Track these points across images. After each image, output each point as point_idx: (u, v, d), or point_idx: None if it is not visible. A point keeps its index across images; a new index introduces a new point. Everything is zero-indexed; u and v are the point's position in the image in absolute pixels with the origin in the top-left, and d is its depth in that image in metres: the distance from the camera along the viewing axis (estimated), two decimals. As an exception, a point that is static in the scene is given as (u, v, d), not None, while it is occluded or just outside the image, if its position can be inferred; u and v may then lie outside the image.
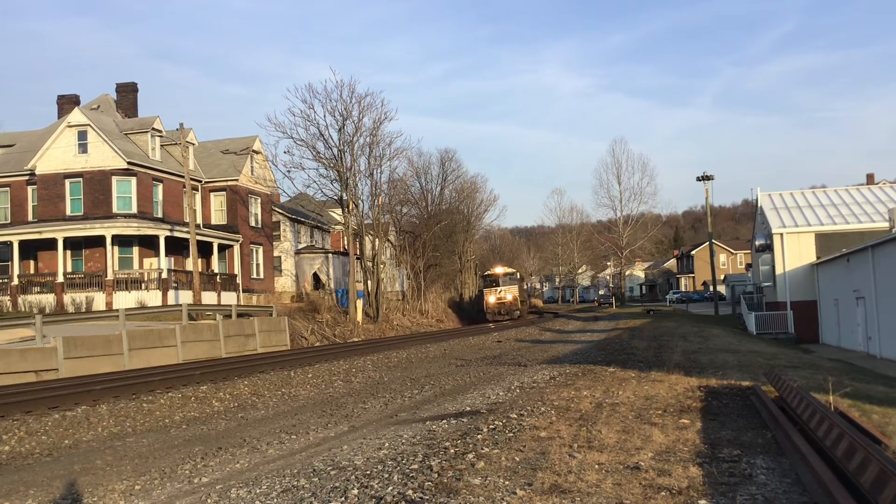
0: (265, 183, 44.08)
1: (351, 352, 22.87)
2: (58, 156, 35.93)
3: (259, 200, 43.87)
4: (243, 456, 8.90)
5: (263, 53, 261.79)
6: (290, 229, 48.75)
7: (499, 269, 55.15)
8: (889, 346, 22.61)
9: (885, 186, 39.46)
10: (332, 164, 41.23)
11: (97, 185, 35.64)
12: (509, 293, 52.10)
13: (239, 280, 39.89)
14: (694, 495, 5.42)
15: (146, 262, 35.58)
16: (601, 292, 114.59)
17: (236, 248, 40.67)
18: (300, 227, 50.16)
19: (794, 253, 32.87)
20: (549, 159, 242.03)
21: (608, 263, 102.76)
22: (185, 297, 32.48)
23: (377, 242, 44.85)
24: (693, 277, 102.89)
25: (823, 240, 32.42)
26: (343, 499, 5.93)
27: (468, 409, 10.72)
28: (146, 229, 34.57)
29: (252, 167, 42.95)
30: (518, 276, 55.65)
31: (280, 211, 47.92)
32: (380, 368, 19.32)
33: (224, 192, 41.67)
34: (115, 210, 35.53)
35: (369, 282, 44.07)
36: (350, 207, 41.82)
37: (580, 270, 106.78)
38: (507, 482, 5.97)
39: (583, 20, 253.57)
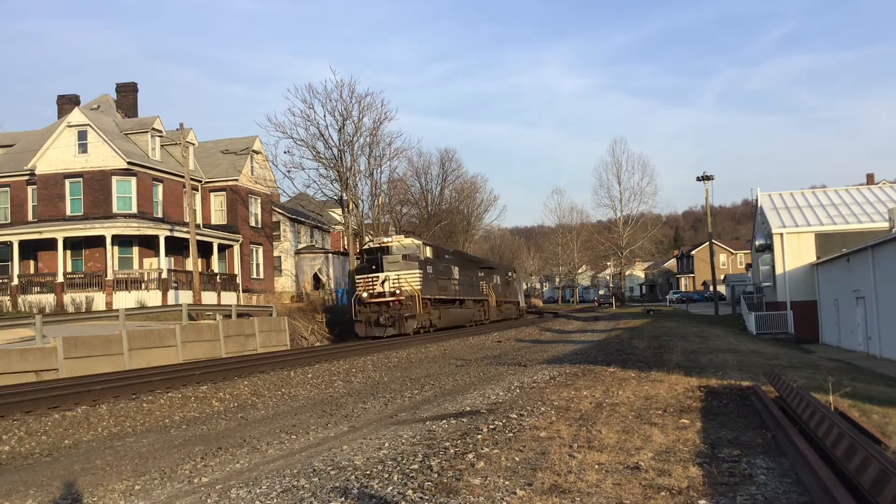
0: (265, 183, 44.09)
1: (351, 352, 22.86)
2: (58, 156, 35.94)
3: (259, 200, 43.87)
4: (243, 456, 8.89)
5: (264, 53, 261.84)
6: (290, 229, 48.75)
7: (386, 239, 32.33)
8: (889, 346, 22.61)
9: (885, 186, 39.46)
10: (332, 164, 41.28)
11: (97, 185, 35.65)
12: (400, 285, 29.46)
13: (239, 280, 39.88)
14: (694, 495, 5.42)
15: (146, 262, 35.59)
16: (601, 292, 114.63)
17: (236, 248, 40.66)
18: (300, 227, 50.16)
19: (794, 253, 32.88)
20: (549, 159, 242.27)
21: (608, 263, 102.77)
22: (185, 297, 32.48)
23: (377, 242, 44.75)
24: (693, 277, 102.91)
25: (823, 240, 32.43)
26: (343, 499, 5.93)
27: (468, 409, 10.72)
28: (146, 229, 34.57)
29: (252, 167, 42.97)
30: (427, 257, 32.08)
31: (280, 211, 47.93)
32: (380, 368, 19.31)
33: (224, 192, 41.68)
34: (115, 210, 35.54)
35: (369, 282, 43.94)
36: (350, 207, 41.85)
37: (580, 270, 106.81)
38: (507, 482, 5.97)
39: (584, 21, 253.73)
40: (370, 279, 30.11)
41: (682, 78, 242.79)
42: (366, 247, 33.51)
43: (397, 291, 29.36)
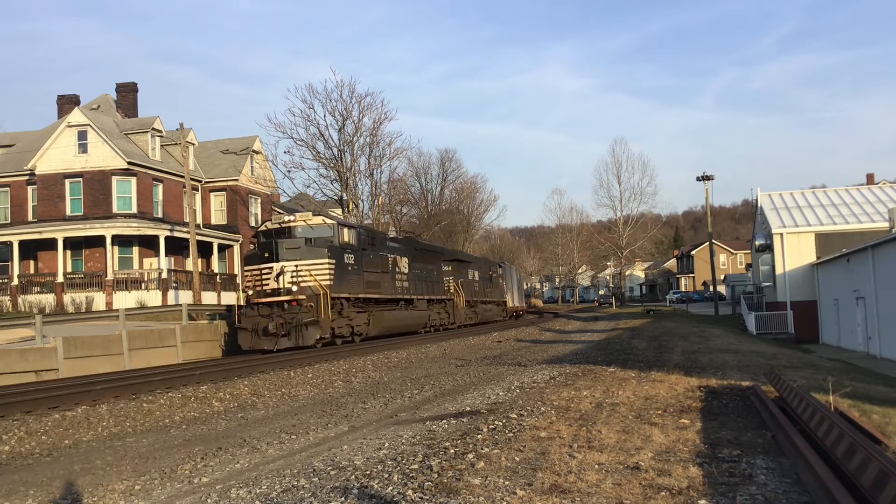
0: (265, 183, 44.10)
1: (351, 352, 22.85)
2: (58, 156, 35.94)
3: (259, 200, 43.87)
4: (243, 456, 8.89)
5: (264, 53, 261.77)
6: (290, 229, 48.68)
7: (288, 218, 24.04)
8: (889, 346, 22.61)
9: (885, 186, 39.48)
10: (332, 164, 41.31)
11: (97, 185, 35.65)
12: (299, 279, 21.94)
13: (239, 280, 39.87)
14: (694, 495, 5.41)
15: (146, 262, 35.60)
16: (601, 292, 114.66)
17: (236, 248, 40.67)
18: (300, 227, 50.13)
19: (794, 253, 32.88)
20: (549, 159, 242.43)
21: (608, 263, 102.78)
22: (185, 297, 32.48)
23: (377, 242, 44.66)
24: (693, 277, 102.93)
25: (823, 240, 32.44)
26: (343, 499, 5.93)
27: (468, 409, 10.71)
28: (146, 229, 34.56)
29: (252, 167, 42.98)
30: (347, 242, 24.22)
31: (280, 211, 47.91)
32: (380, 368, 19.31)
33: (224, 192, 41.69)
34: (115, 210, 35.55)
35: (369, 282, 43.85)
36: (350, 207, 41.85)
37: (580, 270, 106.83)
38: (507, 482, 5.97)
39: (584, 21, 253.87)
40: (260, 272, 22.26)
41: (682, 78, 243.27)
42: (261, 228, 24.44)
43: (294, 288, 21.76)
